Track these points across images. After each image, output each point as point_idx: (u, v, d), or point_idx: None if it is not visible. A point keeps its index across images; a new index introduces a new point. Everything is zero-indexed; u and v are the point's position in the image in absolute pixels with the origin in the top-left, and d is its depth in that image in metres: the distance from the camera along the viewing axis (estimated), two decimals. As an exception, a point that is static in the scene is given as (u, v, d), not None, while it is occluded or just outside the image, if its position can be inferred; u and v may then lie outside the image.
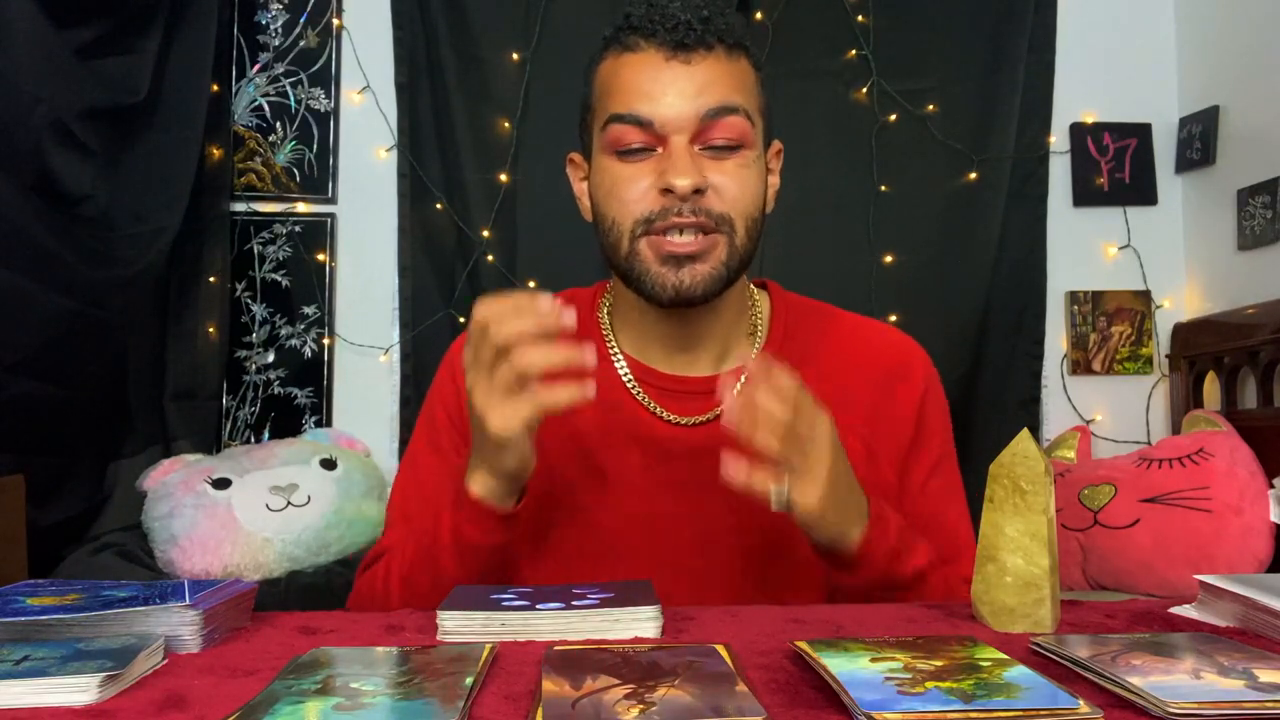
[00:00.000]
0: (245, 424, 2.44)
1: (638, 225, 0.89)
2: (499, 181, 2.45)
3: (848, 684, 0.48)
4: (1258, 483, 1.91)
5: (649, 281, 0.90)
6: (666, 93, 0.88)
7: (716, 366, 0.98)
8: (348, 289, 2.50)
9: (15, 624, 0.60)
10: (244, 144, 2.48)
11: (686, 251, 0.88)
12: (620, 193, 0.90)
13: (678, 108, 0.88)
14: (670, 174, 0.87)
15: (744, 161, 0.90)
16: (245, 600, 0.69)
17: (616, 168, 0.91)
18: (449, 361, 1.01)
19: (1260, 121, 2.35)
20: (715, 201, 0.88)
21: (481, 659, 0.55)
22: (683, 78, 0.89)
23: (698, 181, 0.87)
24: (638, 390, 0.97)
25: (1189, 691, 0.47)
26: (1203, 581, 0.68)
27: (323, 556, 2.00)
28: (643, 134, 0.89)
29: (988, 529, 0.69)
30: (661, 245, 0.88)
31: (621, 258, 0.91)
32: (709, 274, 0.89)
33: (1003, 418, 2.45)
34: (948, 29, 2.53)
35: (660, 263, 0.89)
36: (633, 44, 0.91)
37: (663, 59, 0.89)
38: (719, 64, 0.90)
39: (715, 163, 0.89)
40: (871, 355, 1.00)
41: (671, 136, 0.88)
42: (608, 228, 0.92)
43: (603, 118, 0.92)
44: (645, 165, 0.89)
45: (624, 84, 0.90)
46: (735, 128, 0.89)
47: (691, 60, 0.89)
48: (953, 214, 2.52)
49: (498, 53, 2.47)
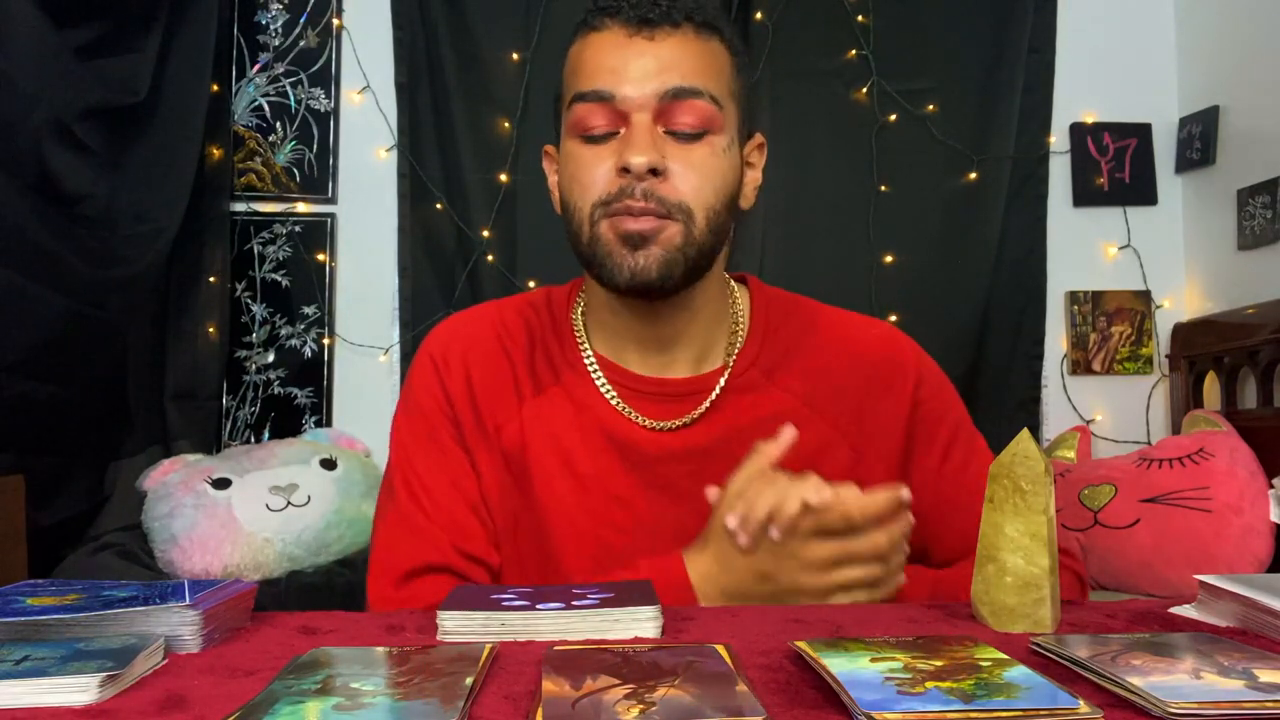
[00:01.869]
0: (245, 424, 2.44)
1: (596, 208, 0.86)
2: (499, 181, 2.45)
3: (848, 684, 0.48)
4: (1258, 483, 1.91)
5: (609, 265, 0.86)
6: (628, 67, 0.85)
7: (695, 368, 0.94)
8: (348, 289, 2.50)
9: (15, 624, 0.60)
10: (244, 144, 2.48)
11: (640, 229, 0.84)
12: (582, 176, 0.88)
13: (640, 84, 0.85)
14: (628, 151, 0.84)
15: (711, 150, 0.87)
16: (245, 600, 0.69)
17: (580, 151, 0.88)
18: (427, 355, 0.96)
19: (1260, 121, 2.35)
20: (672, 188, 0.85)
21: (481, 659, 0.55)
22: (646, 54, 0.86)
23: (653, 160, 0.84)
24: (611, 394, 0.93)
25: (1189, 691, 0.47)
26: (1203, 581, 0.68)
27: (323, 556, 2.00)
28: (605, 113, 0.86)
29: (988, 529, 0.69)
30: (618, 224, 0.85)
31: (584, 243, 0.88)
32: (663, 257, 0.85)
33: (1003, 418, 2.45)
34: (948, 29, 2.53)
35: (619, 243, 0.86)
36: (598, 23, 0.89)
37: (626, 35, 0.87)
38: (686, 42, 0.87)
39: (679, 147, 0.86)
40: (856, 354, 0.97)
41: (633, 114, 0.85)
42: (571, 213, 0.90)
43: (567, 99, 0.90)
44: (607, 148, 0.87)
45: (587, 63, 0.88)
46: (700, 111, 0.86)
47: (655, 37, 0.86)
48: (953, 214, 2.53)
49: (498, 53, 2.47)
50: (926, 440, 0.96)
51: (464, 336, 0.97)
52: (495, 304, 1.01)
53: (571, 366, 0.95)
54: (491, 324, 0.98)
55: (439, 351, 0.96)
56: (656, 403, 0.93)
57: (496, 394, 0.94)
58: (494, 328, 0.97)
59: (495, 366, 0.95)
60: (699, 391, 0.93)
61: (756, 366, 0.95)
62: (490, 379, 0.94)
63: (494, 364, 0.95)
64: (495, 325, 0.97)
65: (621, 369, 0.94)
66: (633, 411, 0.93)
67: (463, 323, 0.99)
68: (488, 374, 0.94)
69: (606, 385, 0.94)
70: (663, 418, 0.93)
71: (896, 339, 1.00)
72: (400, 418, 0.96)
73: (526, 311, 0.99)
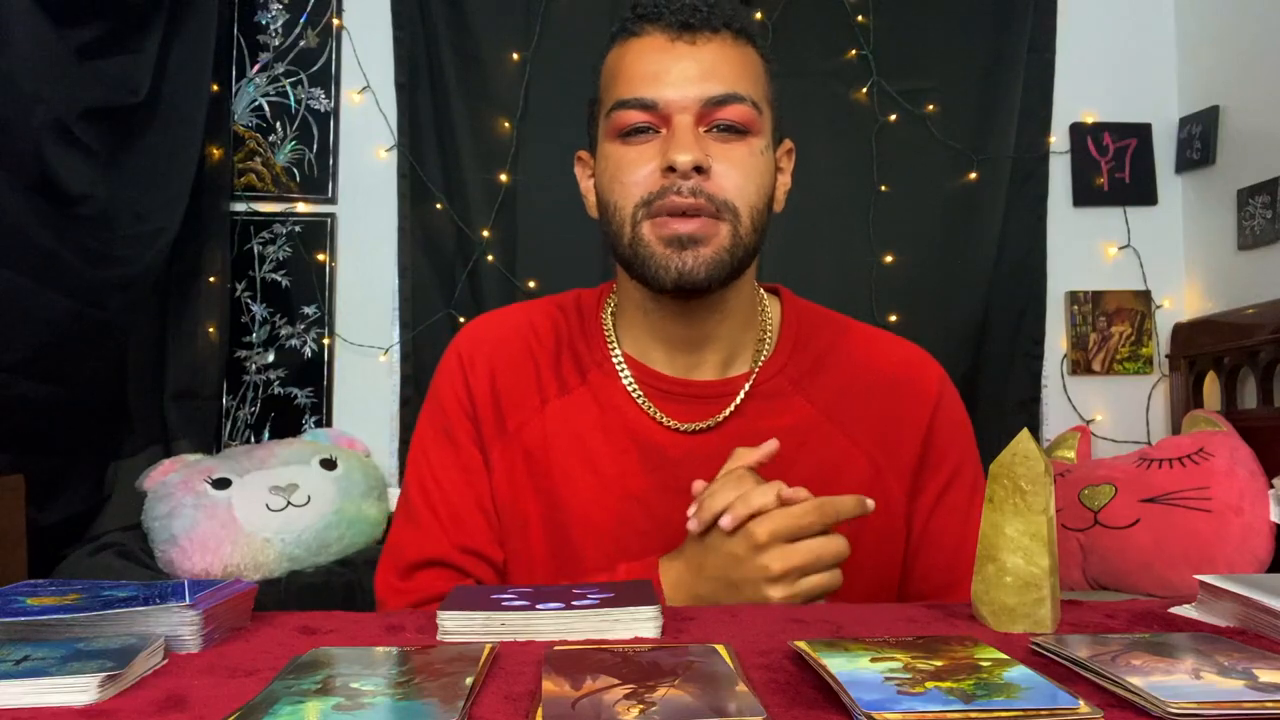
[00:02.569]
0: (245, 424, 2.44)
1: (639, 208, 0.87)
2: (499, 181, 2.45)
3: (848, 684, 0.48)
4: (1258, 483, 1.91)
5: (652, 265, 0.87)
6: (670, 72, 0.87)
7: (722, 371, 0.95)
8: (348, 289, 2.50)
9: (15, 624, 0.60)
10: (244, 144, 2.48)
11: (688, 231, 0.85)
12: (623, 175, 0.88)
13: (682, 88, 0.86)
14: (672, 150, 0.85)
15: (752, 149, 0.88)
16: (245, 600, 0.69)
17: (620, 151, 0.89)
18: (456, 354, 0.98)
19: (1260, 121, 2.35)
20: (718, 186, 0.86)
21: (481, 659, 0.55)
22: (687, 58, 0.87)
23: (699, 158, 0.84)
24: (638, 394, 0.94)
25: (1189, 691, 0.47)
26: (1203, 581, 0.68)
27: (323, 556, 2.00)
28: (647, 115, 0.87)
29: (988, 529, 0.69)
30: (664, 226, 0.86)
31: (625, 244, 0.88)
32: (711, 258, 0.86)
33: (1003, 418, 2.46)
34: (948, 29, 2.54)
35: (663, 245, 0.86)
36: (638, 29, 0.90)
37: (667, 40, 0.88)
38: (725, 48, 0.88)
39: (721, 146, 0.87)
40: (882, 372, 0.97)
41: (675, 116, 0.86)
42: (611, 214, 0.90)
43: (608, 106, 0.90)
44: (649, 147, 0.87)
45: (628, 69, 0.89)
46: (741, 114, 0.87)
47: (696, 41, 0.87)
48: (953, 214, 2.53)
49: (498, 53, 2.47)
50: (934, 467, 0.96)
51: (492, 337, 0.99)
52: (525, 305, 1.04)
53: (599, 366, 0.96)
54: (519, 325, 1.00)
55: (466, 350, 0.98)
56: (682, 403, 0.94)
57: (520, 394, 0.95)
58: (522, 329, 0.99)
59: (521, 367, 0.96)
60: (724, 394, 0.94)
61: (783, 375, 0.96)
62: (515, 379, 0.96)
63: (520, 365, 0.97)
64: (523, 326, 0.99)
65: (649, 369, 0.95)
66: (658, 411, 0.93)
67: (491, 323, 1.01)
68: (513, 374, 0.96)
69: (633, 385, 0.95)
70: (687, 419, 0.93)
71: (925, 361, 1.00)
72: (422, 413, 0.99)
73: (555, 314, 1.00)
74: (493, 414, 0.95)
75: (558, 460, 0.93)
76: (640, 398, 0.94)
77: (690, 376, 0.94)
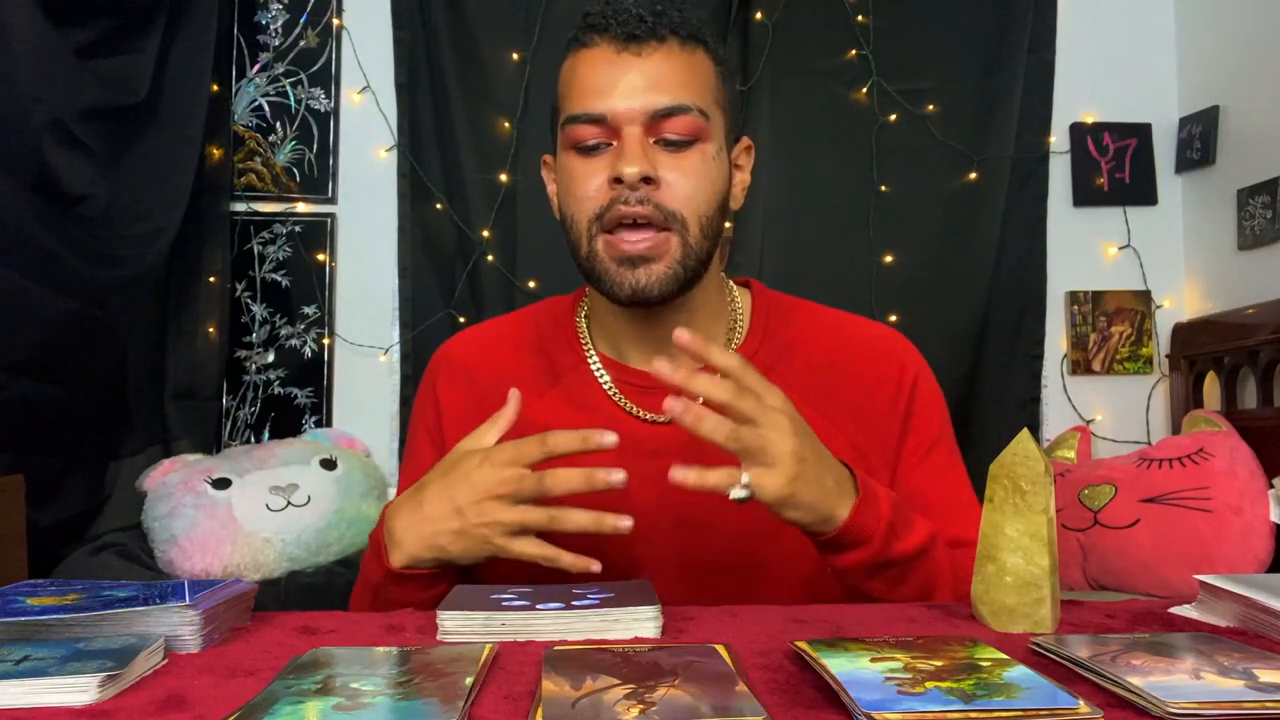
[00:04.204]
0: (245, 424, 2.44)
1: (592, 223, 0.90)
2: (499, 181, 2.45)
3: (848, 684, 0.48)
4: (1258, 483, 1.91)
5: (607, 281, 0.90)
6: (617, 85, 0.89)
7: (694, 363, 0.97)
8: (348, 289, 2.50)
9: (15, 624, 0.60)
10: (244, 144, 2.48)
11: (639, 251, 0.88)
12: (576, 189, 0.91)
13: (628, 100, 0.88)
14: (620, 162, 0.87)
15: (704, 157, 0.90)
16: (245, 600, 0.69)
17: (574, 164, 0.92)
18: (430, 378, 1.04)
19: (1260, 121, 2.35)
20: (667, 197, 0.88)
21: (481, 659, 0.55)
22: (633, 69, 0.89)
23: (645, 169, 0.87)
24: (614, 391, 0.97)
25: (1189, 691, 0.47)
26: (1203, 581, 0.68)
27: (323, 556, 2.00)
28: (597, 129, 0.89)
29: (988, 529, 0.69)
30: (616, 245, 0.89)
31: (583, 256, 0.92)
32: (664, 274, 0.89)
33: (1003, 418, 2.45)
34: (948, 29, 2.53)
35: (616, 263, 0.89)
36: (588, 40, 0.92)
37: (614, 52, 0.90)
38: (672, 56, 0.90)
39: (670, 156, 0.89)
40: (855, 352, 1.00)
41: (624, 128, 0.88)
42: (569, 225, 0.93)
43: (562, 118, 0.93)
44: (600, 160, 0.90)
45: (579, 82, 0.91)
46: (688, 124, 0.89)
47: (643, 52, 0.89)
48: (953, 214, 2.52)
49: (498, 53, 2.47)
50: (916, 436, 0.98)
51: (462, 357, 1.04)
52: (496, 321, 1.09)
53: (574, 368, 0.99)
54: (489, 342, 1.05)
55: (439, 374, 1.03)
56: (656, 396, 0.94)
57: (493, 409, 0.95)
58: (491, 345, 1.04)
59: (491, 383, 0.99)
60: None
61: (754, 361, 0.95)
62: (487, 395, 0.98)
63: (490, 380, 1.00)
64: (492, 342, 1.04)
65: (622, 366, 0.98)
66: (633, 405, 0.96)
67: (461, 343, 1.06)
68: (484, 391, 0.99)
69: (609, 382, 0.98)
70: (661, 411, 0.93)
71: (898, 339, 1.03)
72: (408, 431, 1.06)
73: (526, 325, 1.05)
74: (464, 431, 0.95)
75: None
76: (616, 394, 0.97)
77: None
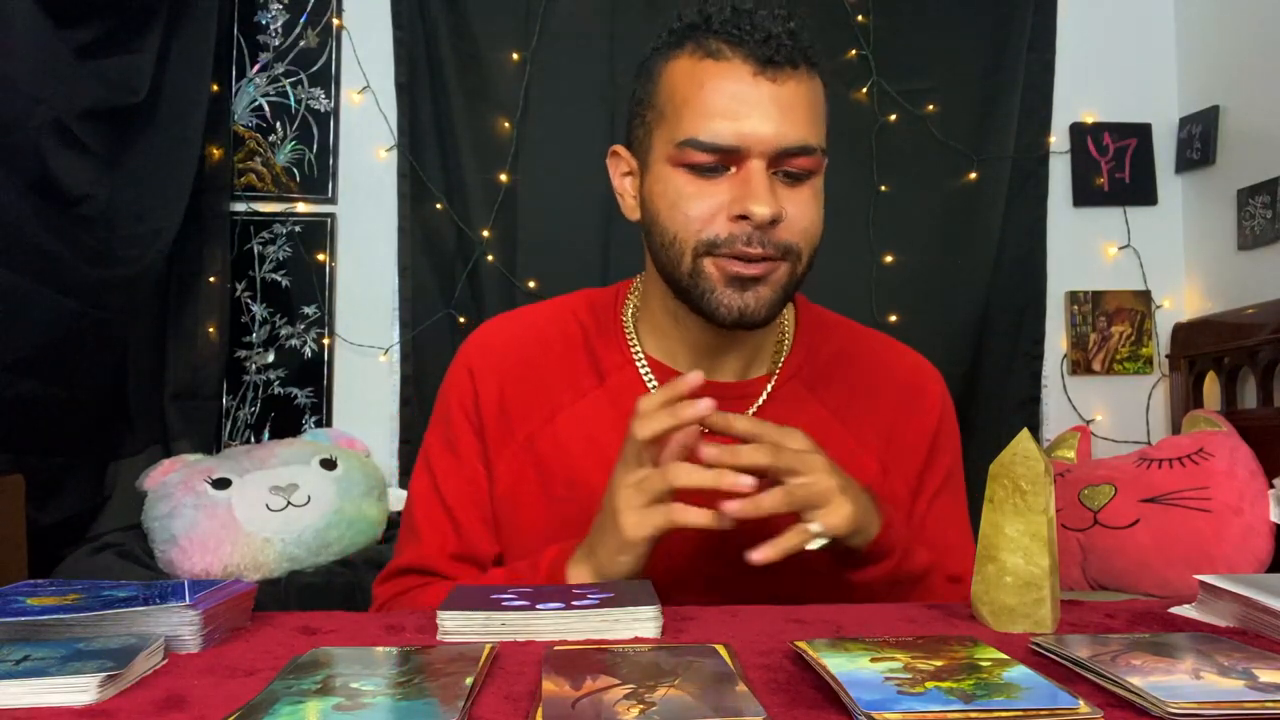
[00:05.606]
0: (245, 424, 2.44)
1: (701, 245, 0.86)
2: (499, 181, 2.45)
3: (848, 684, 0.48)
4: (1258, 483, 1.91)
5: (712, 302, 0.86)
6: (752, 114, 0.83)
7: (743, 373, 0.97)
8: (348, 289, 2.50)
9: (15, 624, 0.60)
10: (244, 144, 2.48)
11: (753, 274, 0.85)
12: (686, 208, 0.86)
13: (761, 132, 0.83)
14: (749, 200, 0.83)
15: (815, 190, 0.88)
16: (245, 600, 0.69)
17: (684, 180, 0.86)
18: (465, 362, 0.99)
19: (1260, 121, 2.35)
20: (786, 232, 0.85)
21: (481, 659, 0.55)
22: (768, 99, 0.83)
23: (776, 212, 0.83)
24: None
25: (1189, 691, 0.47)
26: (1203, 581, 0.68)
27: (323, 556, 2.00)
28: (719, 156, 0.84)
29: (988, 529, 0.69)
30: (728, 267, 0.85)
31: (684, 274, 0.87)
32: (771, 298, 0.87)
33: (1003, 418, 2.46)
34: (948, 29, 2.54)
35: (726, 283, 0.86)
36: (716, 50, 0.85)
37: (750, 73, 0.84)
38: (802, 87, 0.85)
39: (789, 190, 0.86)
40: (892, 376, 1.01)
41: (750, 159, 0.84)
42: (667, 241, 0.88)
43: (675, 129, 0.86)
44: (716, 185, 0.85)
45: (706, 100, 0.84)
46: (811, 163, 0.86)
47: (778, 79, 0.84)
48: (953, 214, 2.53)
49: (498, 53, 2.47)
50: (935, 470, 1.00)
51: (500, 344, 0.99)
52: (532, 309, 1.04)
53: (620, 369, 0.96)
54: (528, 331, 1.00)
55: (474, 359, 0.98)
56: None
57: (530, 403, 0.96)
58: (531, 335, 0.99)
59: (530, 375, 0.97)
60: (745, 396, 0.95)
61: (798, 378, 0.97)
62: (524, 388, 0.96)
63: (529, 372, 0.97)
64: (532, 332, 0.99)
65: (672, 370, 0.95)
66: None
67: (500, 329, 1.01)
68: (522, 383, 0.96)
69: (655, 386, 0.95)
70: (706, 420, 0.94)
71: (930, 370, 1.04)
72: (430, 424, 1.01)
73: (567, 317, 1.00)
74: (500, 424, 0.95)
75: (573, 466, 0.93)
76: None
77: (712, 379, 0.94)
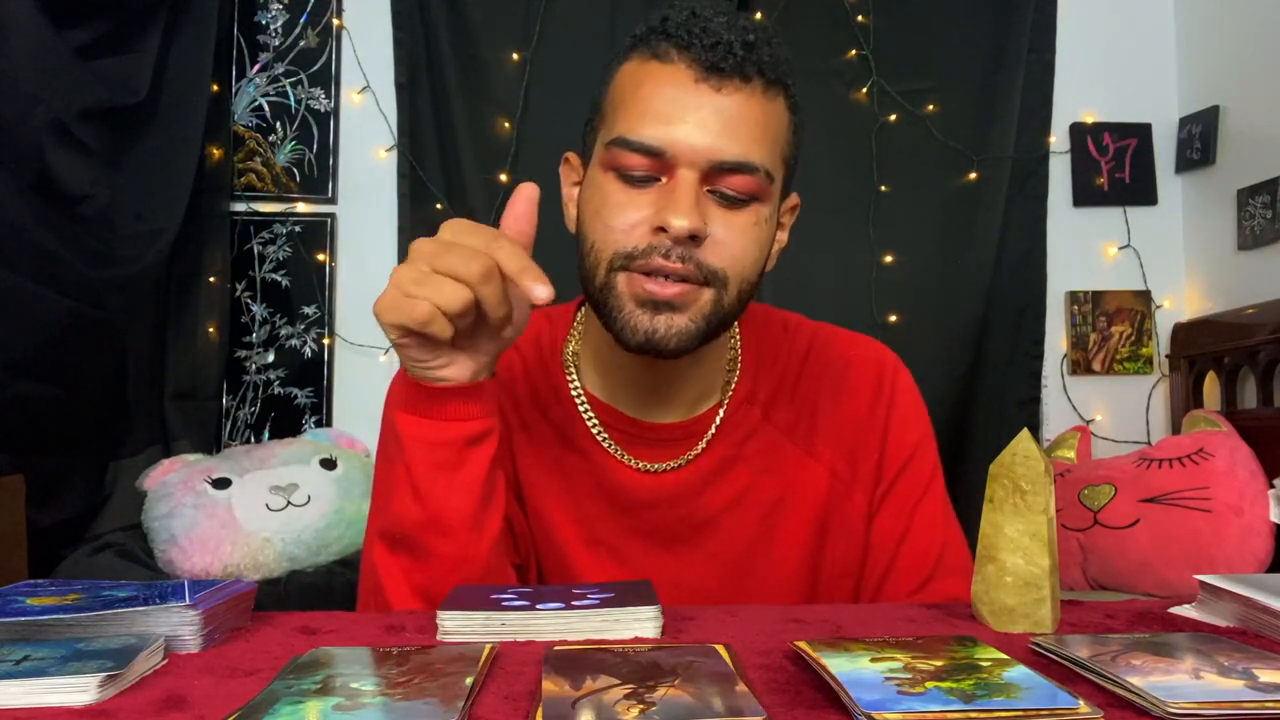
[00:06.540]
0: (245, 424, 2.44)
1: (617, 258, 0.79)
2: (499, 181, 2.45)
3: (848, 684, 0.48)
4: (1258, 483, 1.91)
5: (619, 321, 0.80)
6: (686, 120, 0.77)
7: (690, 410, 0.90)
8: (348, 289, 2.50)
9: (15, 624, 0.60)
10: (244, 144, 2.48)
11: (666, 296, 0.78)
12: (607, 217, 0.80)
13: (693, 140, 0.77)
14: (669, 212, 0.76)
15: (755, 219, 0.81)
16: (245, 600, 0.69)
17: (610, 187, 0.81)
18: None
19: (1260, 121, 2.35)
20: (711, 254, 0.78)
21: (481, 659, 0.55)
22: (707, 106, 0.78)
23: (696, 226, 0.76)
24: (603, 436, 0.89)
25: (1189, 691, 0.47)
26: (1203, 581, 0.68)
27: (323, 556, 2.00)
28: (649, 162, 0.79)
29: (988, 529, 0.69)
30: (640, 285, 0.78)
31: (596, 287, 0.82)
32: (685, 327, 0.79)
33: (1003, 418, 2.46)
34: (948, 29, 2.54)
35: (635, 302, 0.79)
36: (662, 52, 0.80)
37: (692, 78, 0.78)
38: (751, 101, 0.79)
39: (723, 212, 0.79)
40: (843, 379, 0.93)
41: (680, 169, 0.78)
42: (586, 250, 0.83)
43: (609, 130, 0.81)
44: (643, 195, 0.79)
45: (642, 99, 0.79)
46: (749, 184, 0.79)
47: (723, 88, 0.78)
48: (953, 214, 2.53)
49: (498, 53, 2.47)
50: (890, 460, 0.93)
51: None
52: None
53: (560, 405, 0.91)
54: None
55: None
56: (649, 446, 0.89)
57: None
58: None
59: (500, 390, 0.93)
60: (692, 435, 0.90)
61: (751, 403, 0.92)
62: None
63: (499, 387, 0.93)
64: None
65: (613, 410, 0.90)
66: (623, 453, 0.89)
67: None
68: None
69: (597, 426, 0.90)
70: (654, 460, 0.89)
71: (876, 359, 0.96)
72: None
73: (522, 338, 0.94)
74: None
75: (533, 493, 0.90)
76: (605, 440, 0.89)
77: (657, 420, 0.90)
